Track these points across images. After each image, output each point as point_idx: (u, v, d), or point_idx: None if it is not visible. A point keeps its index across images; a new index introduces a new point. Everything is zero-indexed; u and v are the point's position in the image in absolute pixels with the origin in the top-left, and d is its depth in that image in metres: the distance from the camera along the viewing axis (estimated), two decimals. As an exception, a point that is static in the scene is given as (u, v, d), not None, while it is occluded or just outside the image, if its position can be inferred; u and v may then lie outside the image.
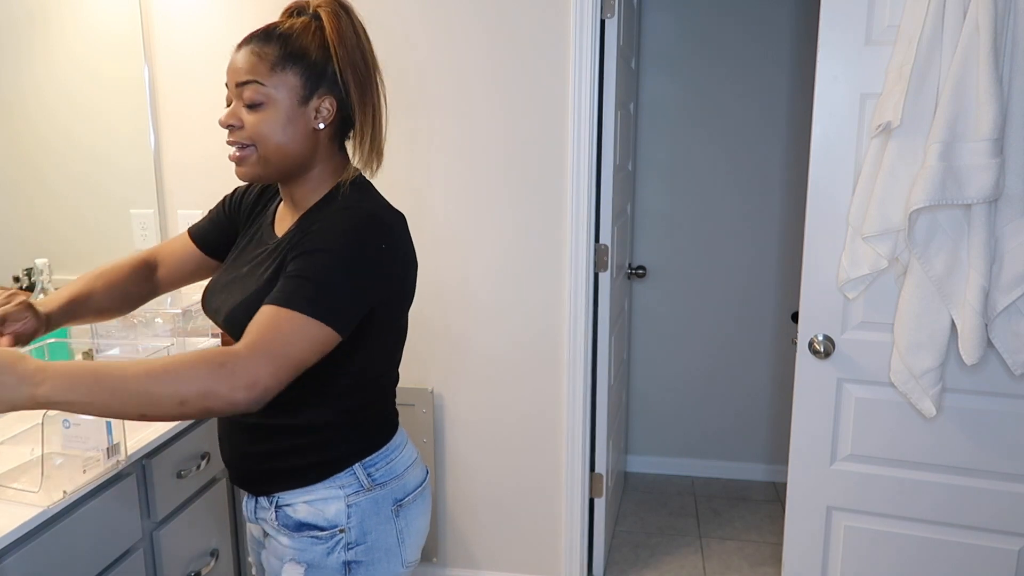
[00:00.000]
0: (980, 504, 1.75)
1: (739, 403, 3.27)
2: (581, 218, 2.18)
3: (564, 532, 2.37)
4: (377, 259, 1.05)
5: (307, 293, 0.98)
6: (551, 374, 2.29)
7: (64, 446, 1.28)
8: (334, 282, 1.00)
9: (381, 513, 1.15)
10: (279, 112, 1.08)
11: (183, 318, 1.71)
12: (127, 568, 1.38)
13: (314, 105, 1.09)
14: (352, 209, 1.08)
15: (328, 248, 1.02)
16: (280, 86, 1.08)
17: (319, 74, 1.08)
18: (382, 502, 1.15)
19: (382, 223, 1.08)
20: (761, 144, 3.07)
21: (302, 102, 1.09)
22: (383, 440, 1.18)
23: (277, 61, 1.08)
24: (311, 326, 0.97)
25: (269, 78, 1.07)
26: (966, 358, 1.58)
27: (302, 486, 1.12)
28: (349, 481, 1.13)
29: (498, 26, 2.13)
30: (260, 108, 1.08)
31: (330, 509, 1.12)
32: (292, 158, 1.11)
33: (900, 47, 1.59)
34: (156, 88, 2.31)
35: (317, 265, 1.01)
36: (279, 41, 1.09)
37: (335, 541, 1.12)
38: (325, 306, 0.99)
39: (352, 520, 1.12)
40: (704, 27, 3.03)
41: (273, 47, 1.08)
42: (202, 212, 2.36)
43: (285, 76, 1.08)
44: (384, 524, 1.15)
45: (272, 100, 1.08)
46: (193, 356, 0.92)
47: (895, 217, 1.61)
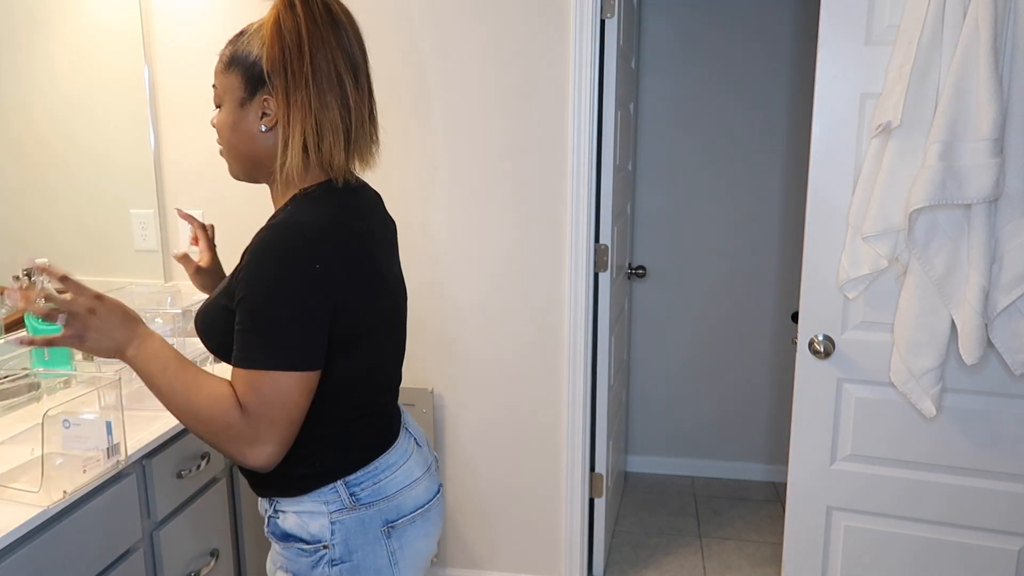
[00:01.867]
0: (980, 504, 1.75)
1: (739, 403, 3.27)
2: (581, 218, 2.18)
3: (564, 532, 2.37)
4: (304, 276, 0.98)
5: (269, 345, 0.98)
6: (551, 374, 2.29)
7: (64, 446, 1.28)
8: (273, 326, 0.98)
9: (369, 533, 1.11)
10: (228, 113, 1.09)
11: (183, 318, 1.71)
12: (127, 568, 1.37)
13: (256, 106, 1.06)
14: (275, 228, 1.01)
15: (250, 290, 0.99)
16: (227, 88, 1.08)
17: (258, 75, 1.05)
18: (369, 522, 1.11)
19: (303, 234, 1.00)
20: (761, 144, 3.07)
21: (241, 104, 1.07)
22: (368, 458, 1.12)
23: (227, 63, 1.08)
24: (284, 379, 0.98)
25: (220, 79, 1.09)
26: (966, 358, 1.58)
27: (286, 496, 1.11)
28: (332, 498, 1.10)
29: (498, 26, 2.13)
30: (219, 109, 1.11)
31: (315, 524, 1.10)
32: (245, 159, 1.12)
33: (900, 47, 1.59)
34: (156, 87, 2.31)
35: (257, 313, 0.99)
36: (232, 43, 1.09)
37: (319, 556, 1.10)
38: (291, 350, 0.98)
39: (336, 537, 1.10)
40: (704, 28, 3.03)
41: (227, 49, 1.09)
42: (202, 212, 2.36)
43: (229, 78, 1.08)
44: (372, 544, 1.11)
45: (223, 101, 1.10)
46: (218, 408, 0.99)
47: (895, 217, 1.61)
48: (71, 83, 2.09)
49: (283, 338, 0.98)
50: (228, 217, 2.35)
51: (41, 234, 2.01)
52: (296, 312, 0.98)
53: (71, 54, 2.09)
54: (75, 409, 1.28)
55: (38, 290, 1.04)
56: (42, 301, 1.03)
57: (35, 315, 1.04)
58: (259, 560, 1.86)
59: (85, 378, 1.65)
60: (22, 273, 1.90)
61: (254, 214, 2.36)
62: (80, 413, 1.28)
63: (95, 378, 1.51)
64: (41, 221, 2.01)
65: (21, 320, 1.75)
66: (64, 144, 2.08)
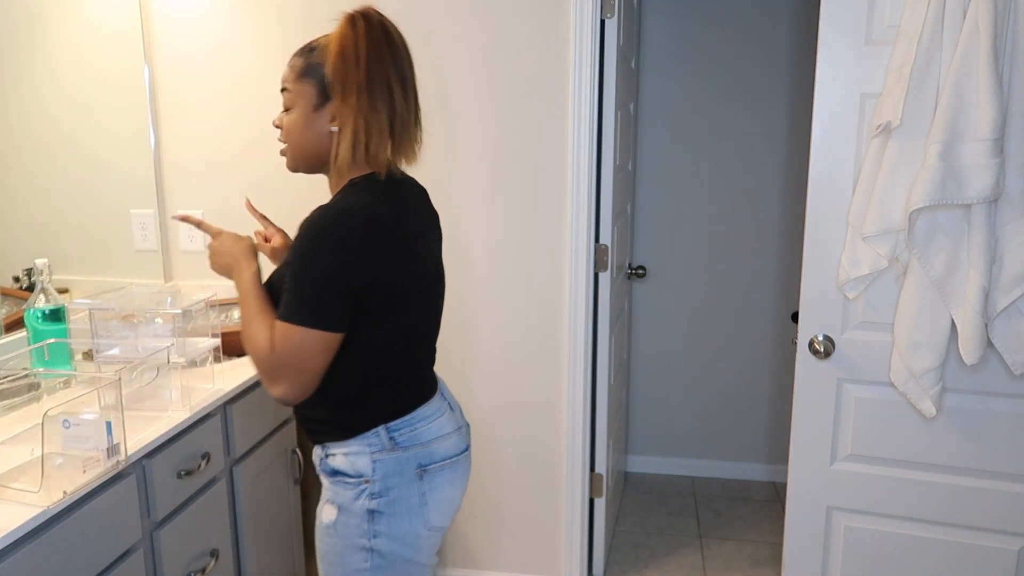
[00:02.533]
0: (980, 504, 1.75)
1: (739, 403, 3.27)
2: (581, 218, 2.18)
3: (564, 532, 2.37)
4: (341, 254, 1.18)
5: (300, 306, 1.18)
6: (551, 374, 2.29)
7: (64, 446, 1.28)
8: (308, 290, 1.18)
9: (404, 474, 1.29)
10: (300, 116, 1.27)
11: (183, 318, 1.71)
12: (127, 568, 1.37)
13: (328, 112, 1.25)
14: (323, 210, 1.21)
15: (297, 259, 1.19)
16: (300, 94, 1.27)
17: (329, 84, 1.24)
18: (405, 463, 1.29)
19: (344, 218, 1.19)
20: (761, 144, 3.07)
21: (316, 108, 1.26)
22: (406, 409, 1.31)
23: (300, 73, 1.27)
24: (307, 336, 1.18)
25: (294, 85, 1.27)
26: (966, 358, 1.58)
27: (334, 441, 1.30)
28: (374, 441, 1.28)
29: (497, 26, 2.13)
30: (289, 112, 1.29)
31: (359, 462, 1.28)
32: (311, 155, 1.30)
33: (900, 47, 1.59)
34: (156, 88, 2.31)
35: (294, 278, 1.19)
36: (306, 55, 1.27)
37: (360, 489, 1.28)
38: (315, 313, 1.18)
39: (376, 474, 1.28)
40: (704, 27, 3.03)
41: (301, 60, 1.27)
42: (202, 212, 2.36)
43: (303, 85, 1.26)
44: (407, 484, 1.29)
45: (295, 105, 1.27)
46: (259, 343, 1.21)
47: (895, 217, 1.61)
48: (71, 83, 2.09)
49: (311, 301, 1.18)
50: (228, 217, 2.35)
51: (41, 234, 2.01)
52: (324, 281, 1.18)
53: (71, 54, 2.09)
54: (75, 409, 1.28)
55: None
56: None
57: None
58: (259, 560, 1.86)
59: (85, 378, 1.65)
60: (22, 273, 1.90)
61: (254, 214, 2.36)
62: (80, 413, 1.28)
63: (95, 378, 1.51)
64: (41, 221, 2.01)
65: (21, 320, 1.75)
66: (64, 144, 2.08)
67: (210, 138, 2.32)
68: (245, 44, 2.25)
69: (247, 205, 1.50)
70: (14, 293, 1.88)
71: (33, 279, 1.86)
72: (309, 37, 2.19)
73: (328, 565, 1.33)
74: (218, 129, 2.31)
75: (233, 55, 2.26)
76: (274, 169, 2.31)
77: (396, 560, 1.31)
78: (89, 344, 1.78)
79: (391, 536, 1.29)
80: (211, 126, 2.31)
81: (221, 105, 2.29)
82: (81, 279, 2.07)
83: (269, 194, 2.32)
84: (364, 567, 1.30)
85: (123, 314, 1.68)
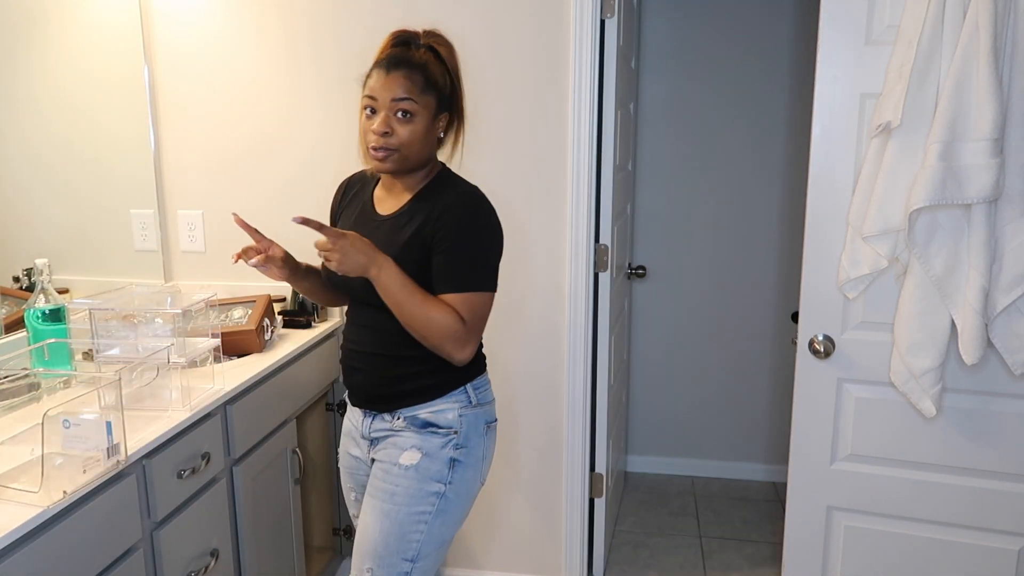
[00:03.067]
0: (980, 504, 1.75)
1: (739, 403, 3.27)
2: (581, 218, 2.18)
3: (564, 532, 2.37)
4: (497, 224, 1.46)
5: (476, 273, 1.41)
6: (551, 374, 2.29)
7: (64, 446, 1.28)
8: (485, 255, 1.44)
9: (478, 428, 1.51)
10: (422, 124, 1.43)
11: (183, 318, 1.71)
12: (127, 568, 1.37)
13: (440, 121, 1.48)
14: (465, 191, 1.46)
15: (469, 229, 1.42)
16: (425, 105, 1.43)
17: (445, 97, 1.47)
18: (480, 419, 1.51)
19: (484, 197, 1.47)
20: (761, 144, 3.07)
21: (434, 117, 1.45)
22: (481, 370, 1.55)
23: (424, 86, 1.42)
24: (488, 298, 1.44)
25: (420, 98, 1.42)
26: (966, 358, 1.58)
27: (425, 401, 1.47)
28: (461, 398, 1.49)
29: (497, 26, 2.13)
30: (410, 121, 1.42)
31: (448, 416, 1.48)
32: (424, 157, 1.48)
33: (900, 47, 1.59)
34: (156, 88, 2.31)
35: (470, 248, 1.42)
36: (422, 71, 1.43)
37: (448, 439, 1.47)
38: (492, 278, 1.44)
39: (462, 427, 1.48)
40: (704, 28, 3.03)
41: (420, 75, 1.42)
42: (202, 212, 2.36)
43: (428, 98, 1.43)
44: (479, 437, 1.51)
45: (419, 115, 1.42)
46: (448, 318, 1.39)
47: (895, 217, 1.61)
48: (70, 84, 2.09)
49: (490, 269, 1.44)
50: (227, 216, 2.35)
51: (41, 233, 2.01)
52: (494, 249, 1.46)
53: (70, 54, 2.09)
54: (75, 409, 1.28)
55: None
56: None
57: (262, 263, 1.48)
58: (259, 560, 1.86)
59: (85, 378, 1.65)
60: (22, 273, 1.90)
61: (252, 213, 2.36)
62: (80, 413, 1.28)
63: (95, 378, 1.51)
64: (41, 220, 2.01)
65: (21, 320, 1.75)
66: (64, 144, 2.08)
67: (210, 138, 2.32)
68: (245, 44, 2.25)
69: (236, 220, 1.49)
70: (14, 293, 1.88)
71: (33, 279, 1.86)
72: (310, 37, 2.21)
73: (394, 504, 1.46)
74: (218, 129, 2.31)
75: (233, 55, 2.26)
76: (274, 169, 2.31)
77: (453, 508, 1.48)
78: (89, 344, 1.78)
79: (459, 485, 1.48)
80: (211, 126, 2.31)
81: (221, 105, 2.29)
82: (81, 279, 2.07)
83: (269, 194, 2.32)
84: (430, 510, 1.46)
85: (123, 314, 1.68)
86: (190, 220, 2.36)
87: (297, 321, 2.22)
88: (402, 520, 1.45)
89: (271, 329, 2.04)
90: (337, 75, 2.21)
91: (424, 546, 1.46)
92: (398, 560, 1.45)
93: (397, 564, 1.46)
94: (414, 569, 1.47)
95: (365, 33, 2.13)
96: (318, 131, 2.26)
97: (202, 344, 1.72)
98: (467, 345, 1.41)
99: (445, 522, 1.48)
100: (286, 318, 2.22)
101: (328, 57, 2.21)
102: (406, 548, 1.45)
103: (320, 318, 2.27)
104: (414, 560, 1.46)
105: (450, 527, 1.50)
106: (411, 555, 1.46)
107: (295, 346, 2.04)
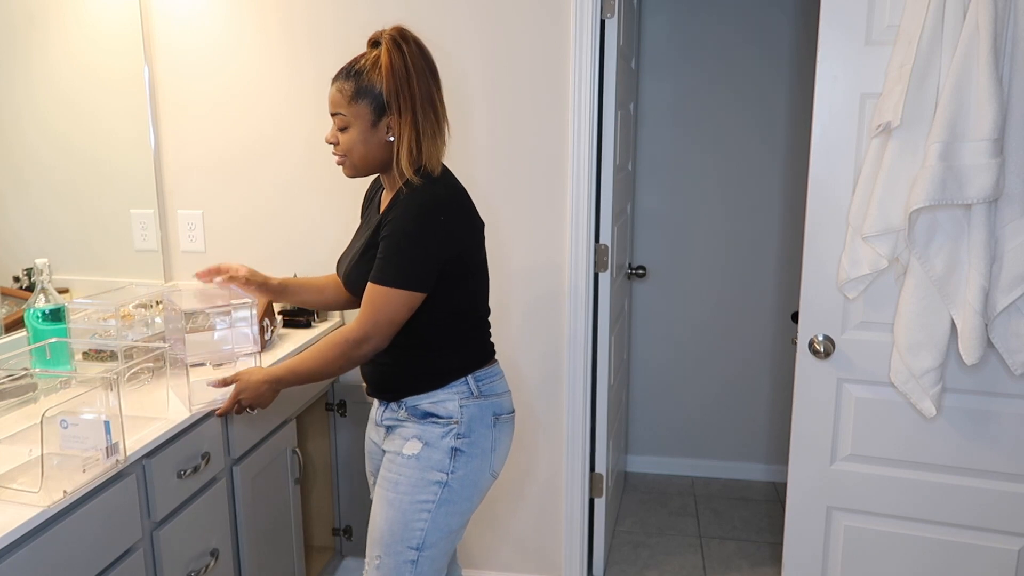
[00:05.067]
0: (980, 504, 1.75)
1: (739, 403, 3.27)
2: (581, 218, 2.18)
3: (564, 532, 2.37)
4: (438, 227, 1.41)
5: (390, 269, 1.41)
6: (551, 374, 2.29)
7: (62, 446, 1.28)
8: (409, 254, 1.40)
9: (484, 420, 1.52)
10: (358, 132, 1.45)
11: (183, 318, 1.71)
12: (127, 568, 1.37)
13: (384, 124, 1.44)
14: (416, 193, 1.43)
15: (396, 229, 1.40)
16: (356, 115, 1.44)
17: (383, 101, 1.43)
18: (485, 410, 1.53)
19: (439, 199, 1.43)
20: (761, 144, 3.07)
21: (373, 125, 1.44)
22: (485, 362, 1.56)
23: (352, 96, 1.44)
24: (397, 295, 1.41)
25: (348, 108, 1.44)
26: (966, 358, 1.58)
27: (427, 391, 1.51)
28: (462, 389, 1.51)
29: (497, 26, 2.13)
30: (346, 131, 1.46)
31: (448, 406, 1.50)
32: (375, 161, 1.48)
33: (900, 47, 1.59)
34: (156, 88, 2.31)
35: (391, 245, 1.41)
36: (354, 78, 1.44)
37: (448, 429, 1.50)
38: (405, 276, 1.40)
39: (463, 417, 1.50)
40: (704, 27, 3.03)
41: (350, 84, 1.44)
42: (202, 212, 2.36)
43: (359, 107, 1.44)
44: (485, 429, 1.52)
45: (352, 124, 1.45)
46: (329, 343, 1.44)
47: (895, 217, 1.61)
48: (70, 84, 2.09)
49: (406, 268, 1.41)
50: (227, 216, 2.35)
51: (41, 233, 2.01)
52: (422, 251, 1.41)
53: (71, 54, 2.09)
54: (74, 409, 1.28)
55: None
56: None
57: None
58: (259, 560, 1.86)
59: (84, 378, 1.65)
60: (22, 273, 1.90)
61: (252, 213, 2.36)
62: (79, 413, 1.28)
63: (93, 378, 1.51)
64: (41, 220, 2.01)
65: (21, 320, 1.75)
66: (64, 144, 2.08)
67: (210, 138, 2.32)
68: (246, 44, 2.25)
69: (200, 276, 1.61)
70: (14, 293, 1.88)
71: (33, 279, 1.86)
72: (310, 36, 2.21)
73: (397, 493, 1.50)
74: (218, 129, 2.31)
75: (233, 55, 2.26)
76: (273, 169, 2.31)
77: (458, 499, 1.50)
78: (89, 344, 1.78)
79: (463, 475, 1.50)
80: (211, 126, 2.31)
81: (221, 105, 2.29)
82: (81, 279, 2.07)
83: (269, 193, 2.32)
84: (432, 499, 1.48)
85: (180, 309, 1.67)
86: (190, 220, 2.36)
87: (297, 321, 2.22)
88: (405, 509, 1.49)
89: (271, 329, 2.04)
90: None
91: (429, 535, 1.49)
92: (403, 548, 1.49)
93: (403, 552, 1.49)
94: (420, 557, 1.50)
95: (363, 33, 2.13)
96: (318, 131, 2.26)
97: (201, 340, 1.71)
98: (364, 341, 1.43)
99: (450, 512, 1.50)
100: (286, 318, 2.23)
101: (328, 57, 2.21)
102: (410, 536, 1.49)
103: (320, 318, 2.27)
104: (419, 548, 1.49)
105: (456, 517, 1.52)
106: (416, 543, 1.49)
107: (295, 346, 2.04)
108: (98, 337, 1.80)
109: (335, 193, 2.27)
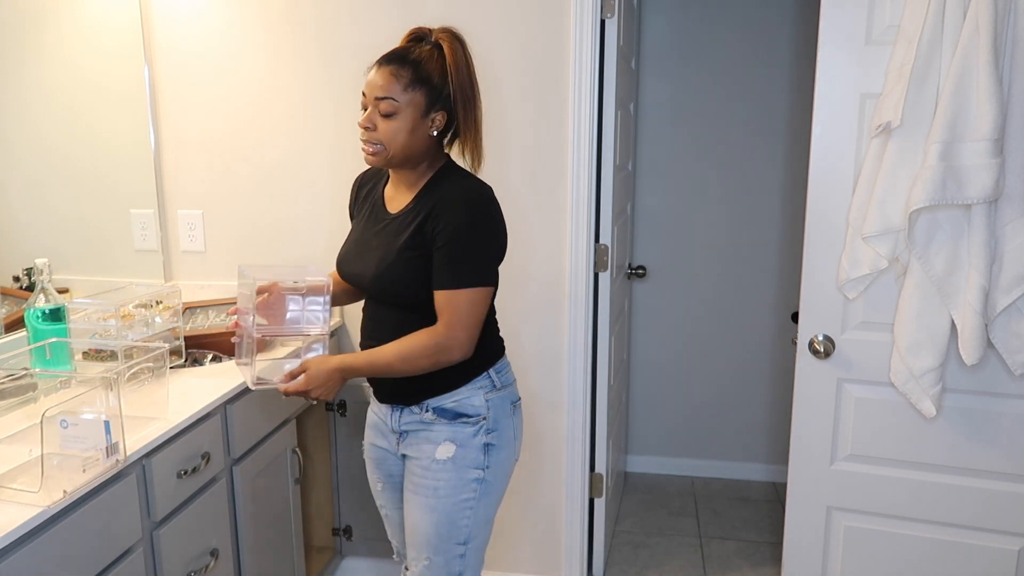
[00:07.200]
0: (980, 504, 1.75)
1: (739, 403, 3.27)
2: (581, 218, 2.18)
3: (564, 532, 2.37)
4: (496, 219, 1.46)
5: (465, 270, 1.40)
6: (551, 374, 2.29)
7: (62, 446, 1.27)
8: (479, 251, 1.42)
9: (506, 409, 1.55)
10: (406, 121, 1.41)
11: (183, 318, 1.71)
12: (127, 568, 1.37)
13: (432, 117, 1.44)
14: (466, 187, 1.44)
15: (457, 231, 1.39)
16: (410, 102, 1.41)
17: (438, 95, 1.43)
18: (506, 400, 1.55)
19: (482, 191, 1.45)
20: (761, 144, 3.07)
21: (423, 115, 1.43)
22: (500, 353, 1.59)
23: (409, 82, 1.40)
24: (478, 293, 1.42)
25: (402, 95, 1.40)
26: (966, 358, 1.58)
27: (451, 390, 1.50)
28: (485, 383, 1.52)
29: (497, 26, 2.13)
30: (392, 117, 1.41)
31: (474, 402, 1.51)
32: (415, 153, 1.45)
33: (900, 47, 1.59)
34: (156, 89, 2.31)
35: (457, 247, 1.40)
36: (412, 66, 1.41)
37: (479, 426, 1.51)
38: (480, 273, 1.42)
39: (490, 411, 1.52)
40: (704, 27, 3.03)
41: (407, 70, 1.40)
42: (202, 212, 2.36)
43: (414, 95, 1.41)
44: (508, 418, 1.55)
45: (402, 111, 1.41)
46: (419, 341, 1.42)
47: (895, 217, 1.61)
48: (70, 84, 2.09)
49: (482, 265, 1.43)
50: (227, 216, 2.35)
51: (41, 233, 2.01)
52: (491, 243, 1.45)
53: (71, 55, 2.09)
54: (74, 409, 1.28)
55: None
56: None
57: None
58: (259, 560, 1.86)
59: (84, 378, 1.65)
60: (22, 272, 1.90)
61: (252, 213, 2.36)
62: (79, 413, 1.27)
63: (93, 378, 1.51)
64: (41, 220, 2.01)
65: (21, 320, 1.75)
66: (64, 144, 2.08)
67: (210, 138, 2.31)
68: (246, 44, 2.25)
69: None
70: (14, 293, 1.88)
71: (33, 279, 1.86)
72: (310, 37, 2.21)
73: (439, 499, 1.51)
74: (218, 129, 2.31)
75: (233, 55, 2.26)
76: (273, 168, 2.30)
77: (493, 489, 1.55)
78: (89, 344, 1.78)
79: (496, 466, 1.54)
80: (211, 126, 2.31)
81: (221, 105, 2.29)
82: (81, 279, 2.07)
83: (269, 193, 2.32)
84: (473, 496, 1.52)
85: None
86: (190, 220, 2.36)
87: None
88: (449, 511, 1.52)
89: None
90: (338, 73, 2.21)
91: (473, 528, 1.54)
92: (452, 546, 1.53)
93: (452, 549, 1.54)
94: (467, 551, 1.55)
95: (364, 34, 2.14)
96: (318, 130, 2.26)
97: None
98: (456, 347, 1.42)
99: (488, 503, 1.56)
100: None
101: (328, 57, 2.21)
102: (457, 534, 1.53)
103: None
104: (466, 543, 1.54)
105: (493, 506, 1.58)
106: (463, 539, 1.54)
107: (295, 346, 2.04)
108: (98, 337, 1.80)
109: (335, 192, 2.27)
